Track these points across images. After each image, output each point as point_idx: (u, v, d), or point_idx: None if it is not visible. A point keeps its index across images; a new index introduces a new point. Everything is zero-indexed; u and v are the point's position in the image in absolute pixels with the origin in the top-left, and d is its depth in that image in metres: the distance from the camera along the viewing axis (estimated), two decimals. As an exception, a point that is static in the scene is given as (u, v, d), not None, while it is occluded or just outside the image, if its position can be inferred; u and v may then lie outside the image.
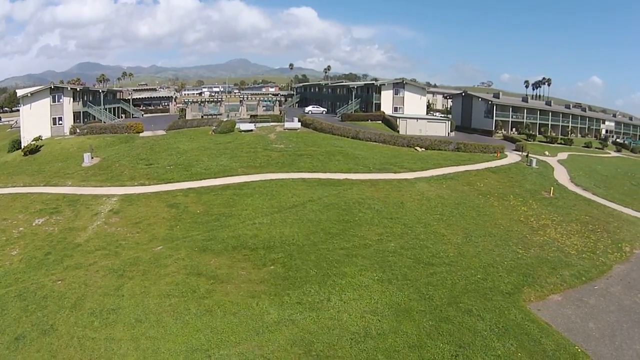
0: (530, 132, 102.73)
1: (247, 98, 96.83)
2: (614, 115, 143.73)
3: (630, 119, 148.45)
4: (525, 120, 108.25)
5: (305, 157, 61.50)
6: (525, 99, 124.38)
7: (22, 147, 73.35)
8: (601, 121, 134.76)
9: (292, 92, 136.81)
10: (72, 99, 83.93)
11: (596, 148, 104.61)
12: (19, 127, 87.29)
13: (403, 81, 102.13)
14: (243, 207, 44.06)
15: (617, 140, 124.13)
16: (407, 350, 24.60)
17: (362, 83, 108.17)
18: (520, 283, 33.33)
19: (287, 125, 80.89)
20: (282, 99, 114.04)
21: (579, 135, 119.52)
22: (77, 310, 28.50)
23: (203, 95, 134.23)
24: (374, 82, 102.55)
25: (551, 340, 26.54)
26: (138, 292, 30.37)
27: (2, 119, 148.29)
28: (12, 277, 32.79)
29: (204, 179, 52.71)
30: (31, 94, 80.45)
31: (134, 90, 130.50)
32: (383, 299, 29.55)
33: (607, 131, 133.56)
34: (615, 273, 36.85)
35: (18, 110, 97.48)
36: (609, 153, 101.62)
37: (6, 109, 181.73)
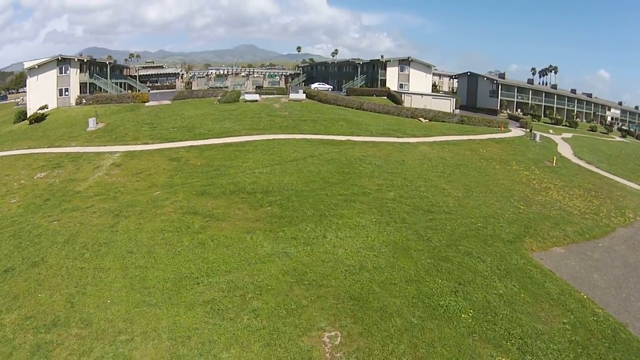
0: (536, 113, 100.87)
1: (254, 72, 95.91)
2: (620, 104, 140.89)
3: (637, 108, 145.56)
4: (530, 102, 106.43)
5: (309, 122, 60.50)
6: (530, 82, 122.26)
7: (28, 116, 72.59)
8: (607, 108, 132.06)
9: (298, 72, 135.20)
10: (78, 70, 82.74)
11: (601, 132, 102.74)
12: (25, 104, 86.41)
13: (409, 58, 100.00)
14: (244, 160, 43.08)
15: (623, 127, 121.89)
16: (404, 284, 23.40)
17: (367, 59, 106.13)
18: (522, 233, 32.14)
19: (292, 96, 79.90)
20: (289, 78, 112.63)
21: (584, 120, 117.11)
22: (69, 245, 27.58)
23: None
24: (379, 58, 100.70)
25: (555, 285, 25.26)
26: (132, 228, 29.45)
27: (9, 98, 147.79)
28: (9, 220, 31.96)
29: (207, 138, 51.64)
30: (38, 66, 79.15)
31: (140, 67, 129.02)
32: (380, 237, 28.37)
33: (612, 118, 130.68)
34: (619, 235, 35.50)
35: (24, 92, 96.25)
36: (614, 138, 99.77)
37: (12, 90, 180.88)
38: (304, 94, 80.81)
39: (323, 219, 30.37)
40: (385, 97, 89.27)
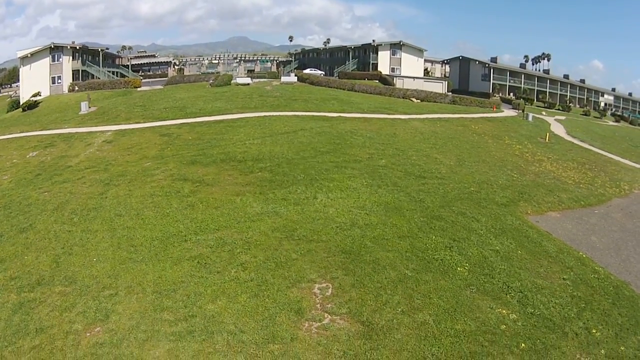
0: (528, 97, 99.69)
1: (245, 57, 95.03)
2: (613, 90, 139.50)
3: (630, 94, 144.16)
4: (523, 86, 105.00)
5: (300, 101, 59.62)
6: (523, 67, 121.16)
7: (21, 104, 71.79)
8: (600, 94, 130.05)
9: (290, 59, 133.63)
10: (71, 58, 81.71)
11: (594, 117, 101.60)
12: (18, 96, 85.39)
13: (400, 42, 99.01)
14: (235, 134, 42.18)
15: (617, 113, 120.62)
16: (396, 239, 22.57)
17: (359, 44, 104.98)
18: (516, 198, 31.52)
19: (284, 79, 79.43)
20: (282, 65, 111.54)
21: (577, 105, 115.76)
22: (58, 212, 26.82)
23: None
24: (371, 42, 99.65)
25: (553, 245, 24.52)
26: (122, 194, 28.65)
27: (2, 92, 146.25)
28: (0, 194, 31.19)
29: (198, 117, 50.68)
30: (31, 55, 78.37)
31: (133, 57, 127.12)
32: (372, 198, 27.53)
33: (606, 104, 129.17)
34: (615, 204, 34.80)
35: (18, 86, 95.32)
36: (607, 122, 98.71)
37: (6, 85, 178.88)
38: (296, 77, 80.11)
39: (314, 182, 29.53)
40: (377, 81, 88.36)
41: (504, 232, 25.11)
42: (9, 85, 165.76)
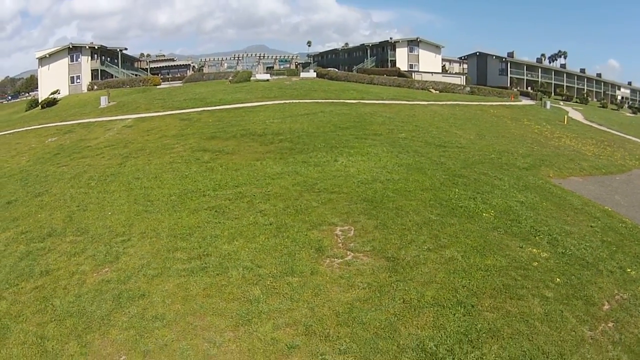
0: (546, 90, 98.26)
1: (264, 56, 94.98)
2: (629, 84, 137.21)
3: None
4: (540, 80, 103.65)
5: (319, 92, 58.90)
6: (539, 61, 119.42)
7: (40, 101, 72.06)
8: (617, 87, 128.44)
9: (309, 61, 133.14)
10: (89, 58, 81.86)
11: (611, 109, 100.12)
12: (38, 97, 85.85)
13: (417, 39, 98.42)
14: (255, 116, 41.60)
15: (634, 105, 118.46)
16: (419, 191, 21.54)
17: (377, 41, 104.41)
18: (537, 164, 30.46)
19: (303, 74, 79.29)
20: (301, 66, 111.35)
21: (594, 99, 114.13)
22: (75, 179, 26.48)
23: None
24: (388, 40, 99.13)
25: (577, 199, 23.51)
26: (141, 163, 28.22)
27: (19, 97, 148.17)
28: (17, 170, 31.22)
29: (218, 106, 50.24)
30: (49, 55, 78.85)
31: (151, 60, 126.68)
32: (393, 161, 26.54)
33: (622, 98, 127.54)
34: (636, 173, 33.52)
35: (36, 92, 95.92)
36: (625, 114, 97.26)
37: (23, 92, 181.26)
38: (314, 73, 79.81)
39: (334, 149, 28.61)
40: (396, 77, 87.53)
41: (527, 188, 24.10)
42: (27, 94, 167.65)
